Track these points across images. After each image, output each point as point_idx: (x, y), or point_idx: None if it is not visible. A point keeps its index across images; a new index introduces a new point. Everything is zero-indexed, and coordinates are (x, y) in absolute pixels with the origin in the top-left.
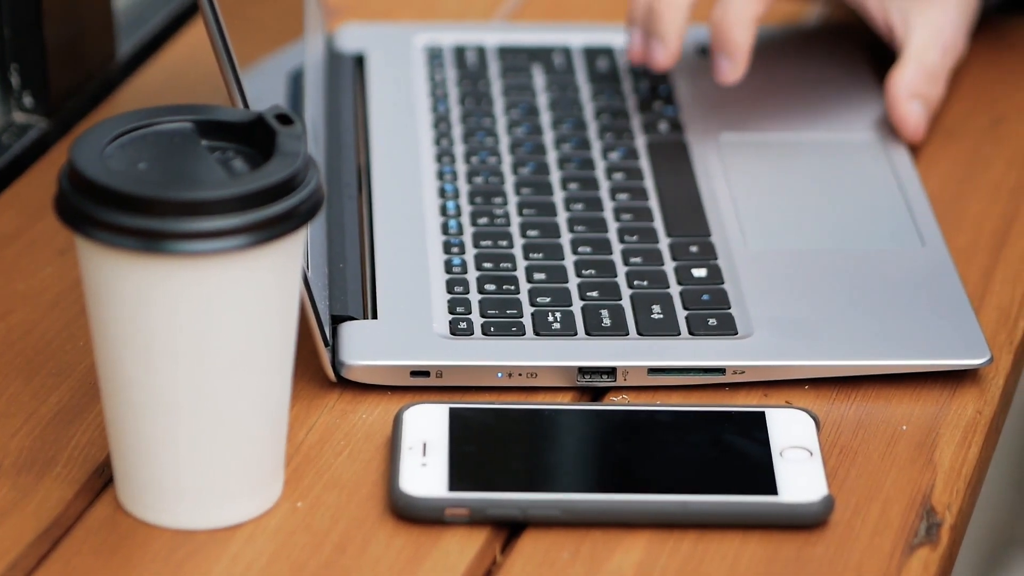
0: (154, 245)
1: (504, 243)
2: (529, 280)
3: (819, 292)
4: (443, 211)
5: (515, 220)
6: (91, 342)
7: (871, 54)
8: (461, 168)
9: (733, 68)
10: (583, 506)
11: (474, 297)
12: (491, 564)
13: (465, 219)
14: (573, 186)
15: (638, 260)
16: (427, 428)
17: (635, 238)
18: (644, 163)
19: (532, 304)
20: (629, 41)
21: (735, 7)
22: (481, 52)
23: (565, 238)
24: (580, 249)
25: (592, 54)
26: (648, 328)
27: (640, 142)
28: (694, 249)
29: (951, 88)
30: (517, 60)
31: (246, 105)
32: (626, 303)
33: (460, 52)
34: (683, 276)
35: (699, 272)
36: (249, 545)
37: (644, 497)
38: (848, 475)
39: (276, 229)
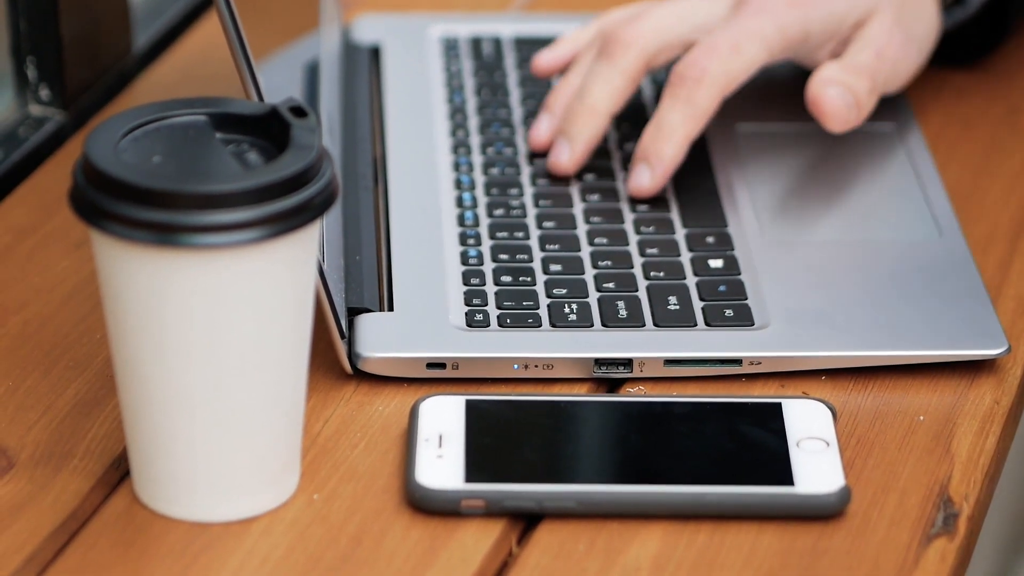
0: (168, 238)
1: (520, 234)
2: (545, 271)
3: (836, 282)
4: (459, 202)
5: (531, 211)
6: (107, 335)
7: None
8: (477, 159)
9: (651, 179)
10: (599, 498)
11: (490, 289)
12: (507, 556)
13: (481, 210)
14: (589, 177)
15: (654, 251)
16: (443, 420)
17: (651, 229)
18: None
19: (548, 295)
20: (535, 124)
21: (671, 122)
22: (497, 43)
23: (581, 229)
24: (596, 240)
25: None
26: (664, 319)
27: None
28: (711, 240)
29: (968, 77)
30: (533, 51)
31: (260, 98)
32: (642, 294)
33: (476, 43)
34: (699, 267)
35: (716, 263)
36: (265, 537)
37: (660, 488)
38: (865, 466)
39: (291, 222)
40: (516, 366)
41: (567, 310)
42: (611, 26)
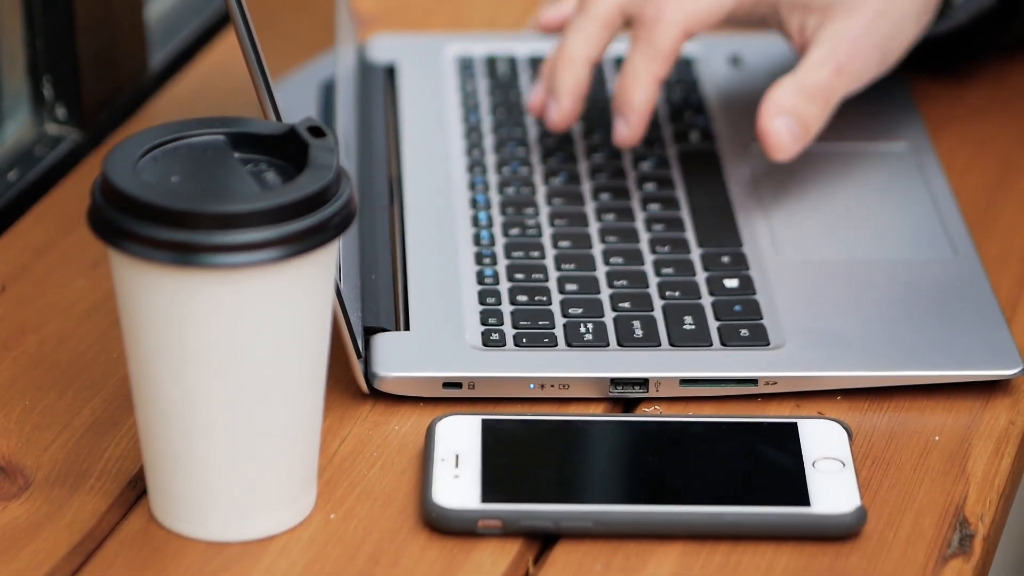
0: (187, 258)
1: (536, 254)
2: (561, 291)
3: (851, 302)
4: (475, 222)
5: (547, 231)
6: (124, 354)
7: (905, 64)
8: (493, 179)
9: (629, 131)
10: (616, 517)
11: (506, 308)
12: None
13: (497, 230)
14: (604, 196)
15: (670, 271)
16: (459, 439)
17: (667, 248)
18: (675, 173)
19: (564, 315)
20: (532, 92)
21: (634, 66)
22: (512, 62)
23: (597, 249)
24: (612, 260)
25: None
26: (680, 339)
27: (671, 152)
28: (726, 259)
29: (983, 95)
30: None
31: (278, 117)
32: (658, 314)
33: (491, 62)
34: (715, 287)
35: (731, 283)
36: (282, 557)
37: (677, 508)
38: (881, 486)
39: (309, 242)
40: (532, 386)
41: (583, 330)
42: None
